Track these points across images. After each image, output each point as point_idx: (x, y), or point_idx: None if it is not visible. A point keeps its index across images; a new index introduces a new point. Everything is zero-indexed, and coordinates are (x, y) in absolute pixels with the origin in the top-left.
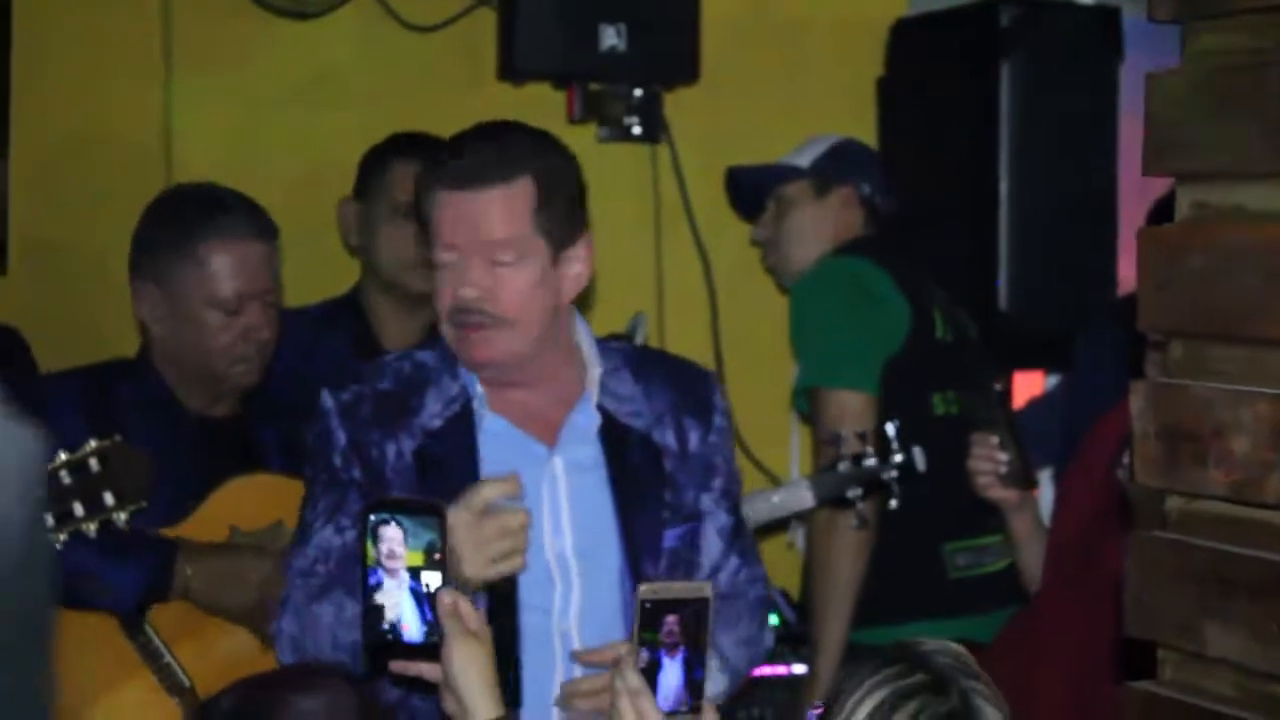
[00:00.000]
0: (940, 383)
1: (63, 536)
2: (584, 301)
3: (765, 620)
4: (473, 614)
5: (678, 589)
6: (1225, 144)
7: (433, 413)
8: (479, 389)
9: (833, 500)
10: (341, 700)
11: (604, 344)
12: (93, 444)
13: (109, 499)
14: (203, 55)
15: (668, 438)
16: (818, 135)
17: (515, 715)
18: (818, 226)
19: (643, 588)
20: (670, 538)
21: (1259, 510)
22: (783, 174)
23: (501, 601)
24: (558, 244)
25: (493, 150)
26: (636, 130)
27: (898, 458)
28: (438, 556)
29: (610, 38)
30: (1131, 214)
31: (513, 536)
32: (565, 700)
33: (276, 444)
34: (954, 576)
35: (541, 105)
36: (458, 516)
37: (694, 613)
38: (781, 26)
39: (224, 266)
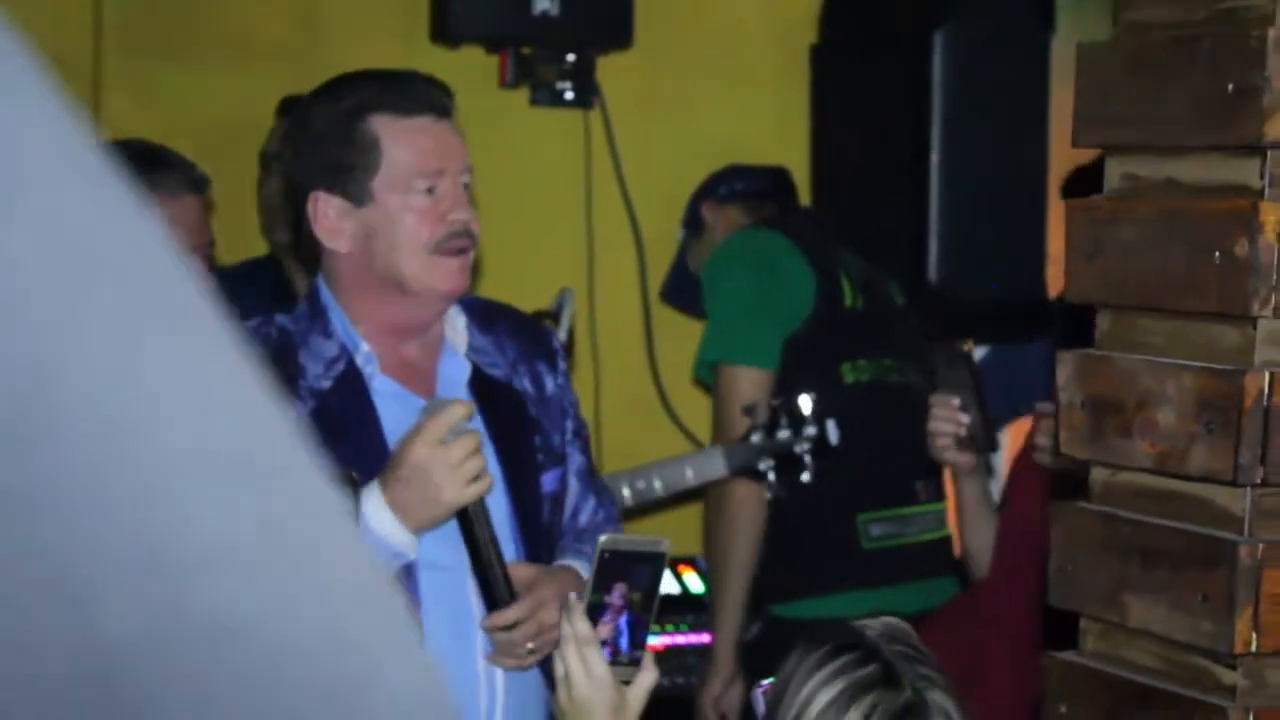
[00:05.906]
0: (850, 352)
1: None
2: (514, 264)
3: None
4: None
5: (636, 542)
6: (1156, 116)
7: (316, 373)
8: (364, 347)
9: (745, 471)
10: None
11: None
12: None
13: None
14: (133, 8)
15: (525, 384)
16: None
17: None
18: (711, 249)
19: (602, 539)
20: (547, 482)
21: (1183, 482)
22: (682, 251)
23: (476, 516)
24: None
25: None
26: (569, 95)
27: (810, 430)
28: None
29: (543, 2)
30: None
31: (478, 455)
32: (490, 627)
33: None
34: (868, 547)
35: (474, 69)
36: (419, 450)
37: (648, 566)
38: None
39: (164, 222)
